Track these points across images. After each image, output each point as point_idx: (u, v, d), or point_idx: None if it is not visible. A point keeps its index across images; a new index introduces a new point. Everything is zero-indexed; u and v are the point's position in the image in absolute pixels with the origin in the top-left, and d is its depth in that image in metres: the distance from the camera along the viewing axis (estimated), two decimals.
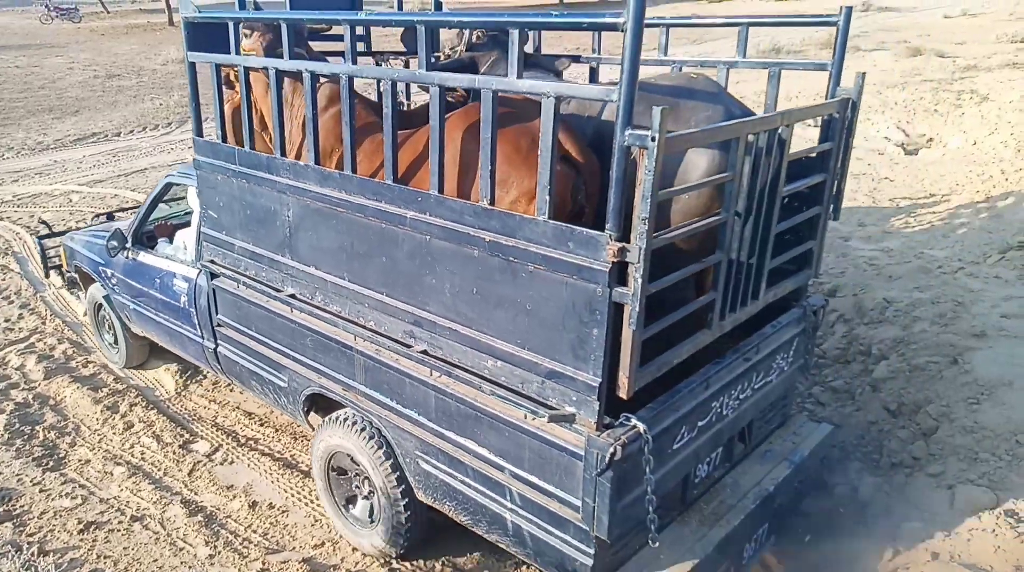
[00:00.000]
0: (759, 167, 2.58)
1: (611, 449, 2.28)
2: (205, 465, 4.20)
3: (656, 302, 2.33)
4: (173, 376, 5.05)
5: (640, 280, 2.11)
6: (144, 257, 4.47)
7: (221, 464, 4.22)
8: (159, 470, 4.17)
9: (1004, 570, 3.05)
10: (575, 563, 2.57)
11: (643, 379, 2.35)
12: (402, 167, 2.84)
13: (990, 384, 3.99)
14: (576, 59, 4.04)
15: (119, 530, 3.72)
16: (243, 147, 3.46)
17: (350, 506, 3.54)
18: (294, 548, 3.59)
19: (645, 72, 2.29)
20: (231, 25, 3.34)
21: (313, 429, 3.66)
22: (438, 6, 4.49)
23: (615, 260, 2.14)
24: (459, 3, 40.30)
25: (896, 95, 12.16)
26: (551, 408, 2.43)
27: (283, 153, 3.29)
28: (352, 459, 3.34)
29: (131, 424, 4.57)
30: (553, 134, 2.23)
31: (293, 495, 3.93)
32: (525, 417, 2.53)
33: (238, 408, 4.72)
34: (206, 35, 3.51)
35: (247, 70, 3.34)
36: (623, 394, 2.30)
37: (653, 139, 2.00)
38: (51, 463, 4.22)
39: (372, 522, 3.41)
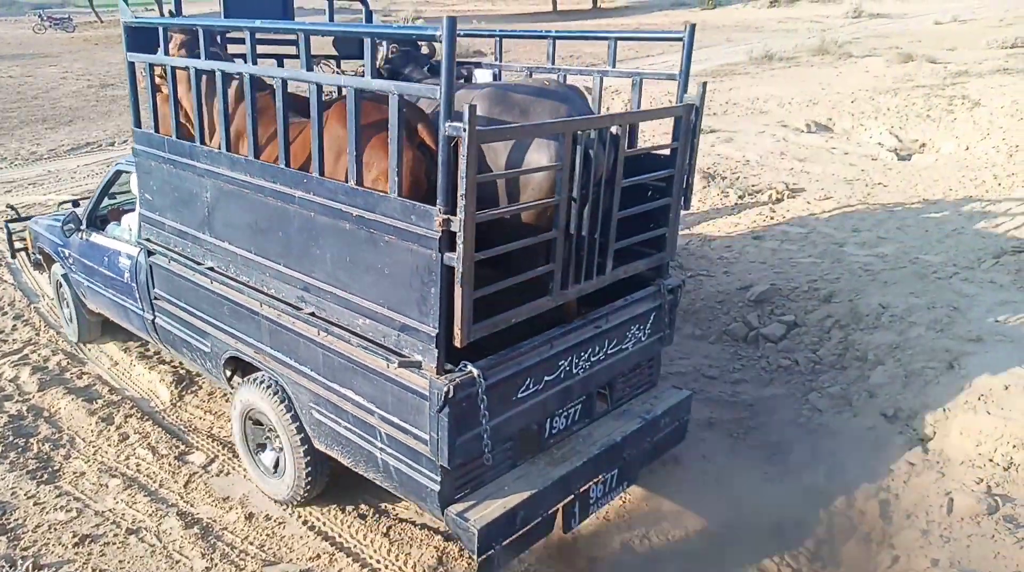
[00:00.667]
0: (592, 160, 2.95)
1: (446, 389, 2.75)
2: (201, 477, 4.17)
3: (505, 268, 2.92)
4: (168, 387, 5.03)
5: (463, 247, 2.56)
6: (96, 238, 4.90)
7: (217, 475, 4.19)
8: (155, 482, 4.15)
9: None
10: (426, 490, 3.04)
11: (478, 333, 2.78)
12: (298, 153, 3.30)
13: (987, 389, 3.99)
14: (478, 64, 4.71)
15: (115, 543, 3.69)
16: (171, 136, 3.93)
17: (260, 455, 3.99)
18: (291, 560, 3.57)
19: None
20: (160, 30, 3.86)
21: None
22: (368, 16, 5.16)
23: (443, 229, 2.60)
24: (453, 12, 40.39)
25: (889, 101, 12.23)
26: (403, 357, 2.88)
27: (202, 141, 3.72)
28: (263, 415, 3.80)
29: (126, 436, 4.54)
30: (399, 124, 2.69)
31: (289, 507, 3.91)
32: (387, 366, 2.97)
33: None
34: (145, 38, 4.01)
35: (173, 69, 3.81)
36: (458, 343, 2.72)
37: (465, 130, 2.43)
38: (45, 476, 4.19)
39: (280, 472, 3.87)
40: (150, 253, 4.33)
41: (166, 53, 3.83)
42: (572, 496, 3.29)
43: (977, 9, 29.30)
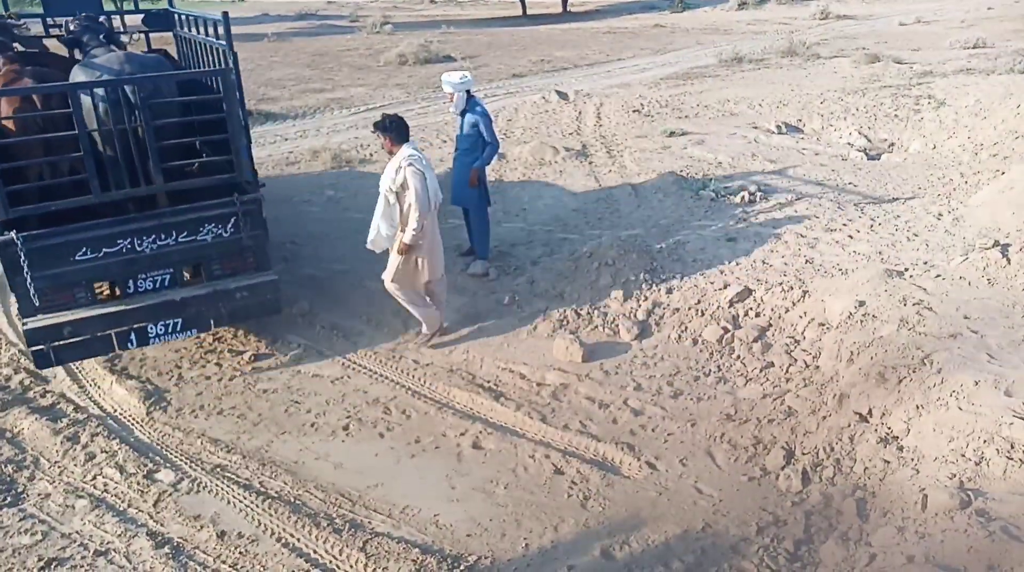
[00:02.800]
0: (112, 108, 4.51)
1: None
2: (171, 495, 4.08)
3: (50, 173, 4.88)
4: (136, 404, 4.91)
5: None
6: None
7: (187, 494, 4.10)
8: (123, 502, 4.04)
9: (977, 570, 3.06)
10: (15, 309, 4.86)
11: (19, 213, 4.38)
12: None
13: (958, 385, 4.03)
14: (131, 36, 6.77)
15: (82, 566, 3.59)
16: None
17: None
18: None
19: None
20: None
21: None
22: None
23: None
24: (422, 17, 40.34)
25: (857, 101, 12.39)
26: None
27: None
28: None
29: (93, 455, 4.42)
30: None
31: (262, 524, 3.83)
32: None
33: (203, 435, 4.60)
34: None
35: None
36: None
37: None
38: (8, 498, 4.07)
39: None
40: None
41: None
42: (127, 328, 4.76)
43: (939, 11, 29.89)
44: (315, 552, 3.64)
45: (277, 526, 3.80)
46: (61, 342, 4.63)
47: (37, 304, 4.55)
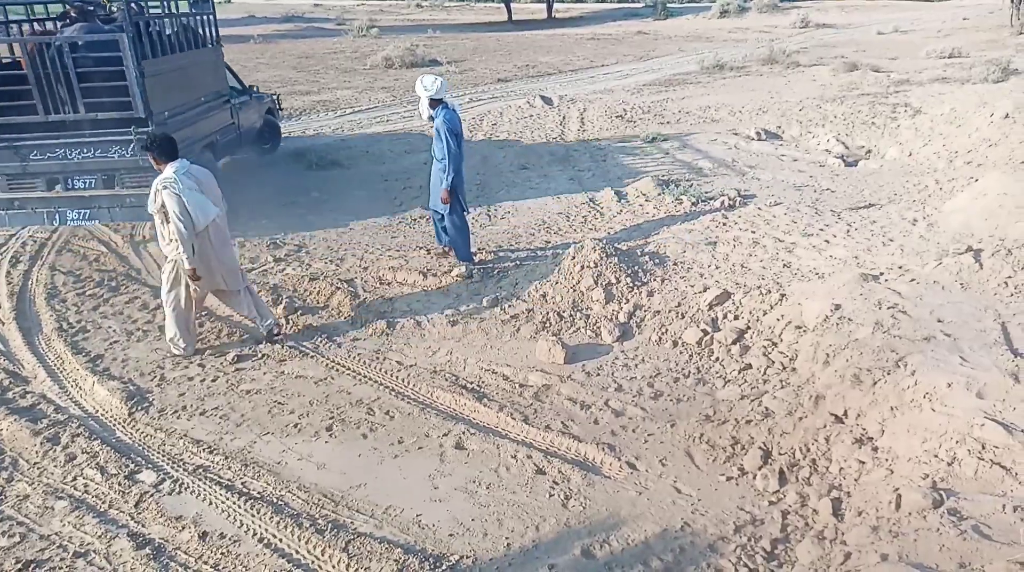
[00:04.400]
0: (45, 54, 6.67)
1: None
2: (152, 496, 4.06)
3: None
4: (118, 405, 4.89)
5: None
6: None
7: (169, 494, 4.08)
8: (104, 503, 4.02)
9: (949, 568, 3.14)
10: None
11: None
12: None
13: (931, 387, 4.12)
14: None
15: (61, 568, 3.57)
16: None
17: None
18: None
19: None
20: None
21: None
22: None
23: None
24: (409, 20, 40.33)
25: (835, 108, 12.59)
26: None
27: None
28: None
29: (73, 456, 4.39)
30: None
31: (245, 524, 3.83)
32: None
33: (186, 435, 4.59)
34: None
35: None
36: None
37: None
38: None
39: None
40: None
41: None
42: (54, 210, 7.21)
43: (916, 21, 30.40)
44: (297, 552, 3.64)
45: (259, 527, 3.80)
46: (12, 211, 7.21)
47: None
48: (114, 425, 4.75)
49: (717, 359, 5.25)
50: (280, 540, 3.71)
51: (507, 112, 14.49)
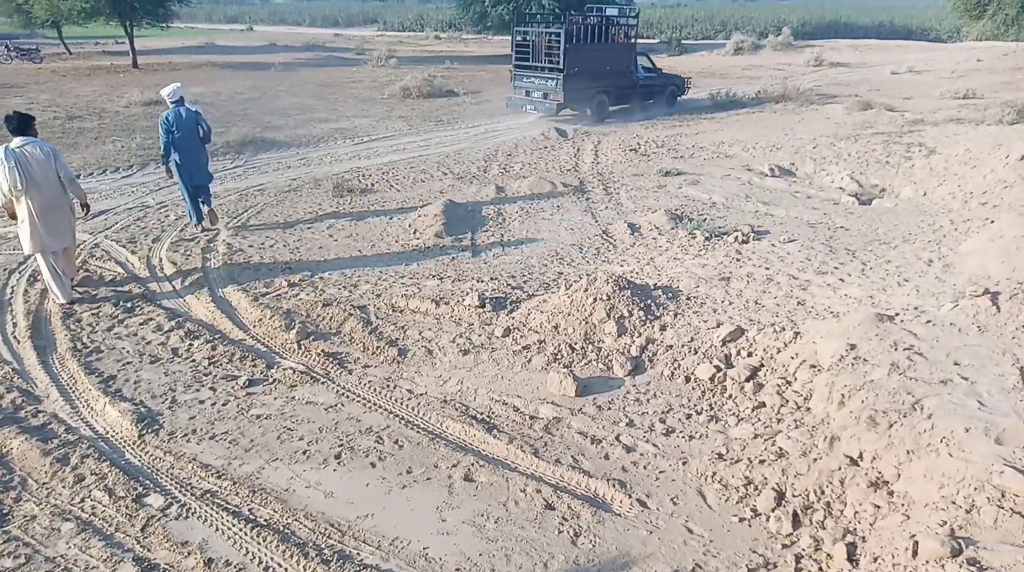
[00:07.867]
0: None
1: None
2: (159, 520, 4.04)
3: None
4: (129, 427, 4.89)
5: None
6: None
7: (176, 519, 4.06)
8: (110, 526, 4.00)
9: None
10: None
11: None
12: None
13: (948, 432, 4.06)
14: None
15: None
16: None
17: None
18: None
19: None
20: None
21: None
22: None
23: None
24: (427, 52, 40.86)
25: (849, 147, 12.61)
26: None
27: None
28: None
29: (82, 477, 4.39)
30: None
31: (251, 552, 3.80)
32: None
33: (194, 460, 4.58)
34: None
35: None
36: None
37: None
38: None
39: None
40: None
41: None
42: None
43: (930, 61, 30.55)
44: None
45: (265, 555, 3.77)
46: None
47: None
48: (124, 447, 4.74)
49: (730, 396, 5.20)
50: (286, 570, 3.68)
51: (522, 144, 14.62)
